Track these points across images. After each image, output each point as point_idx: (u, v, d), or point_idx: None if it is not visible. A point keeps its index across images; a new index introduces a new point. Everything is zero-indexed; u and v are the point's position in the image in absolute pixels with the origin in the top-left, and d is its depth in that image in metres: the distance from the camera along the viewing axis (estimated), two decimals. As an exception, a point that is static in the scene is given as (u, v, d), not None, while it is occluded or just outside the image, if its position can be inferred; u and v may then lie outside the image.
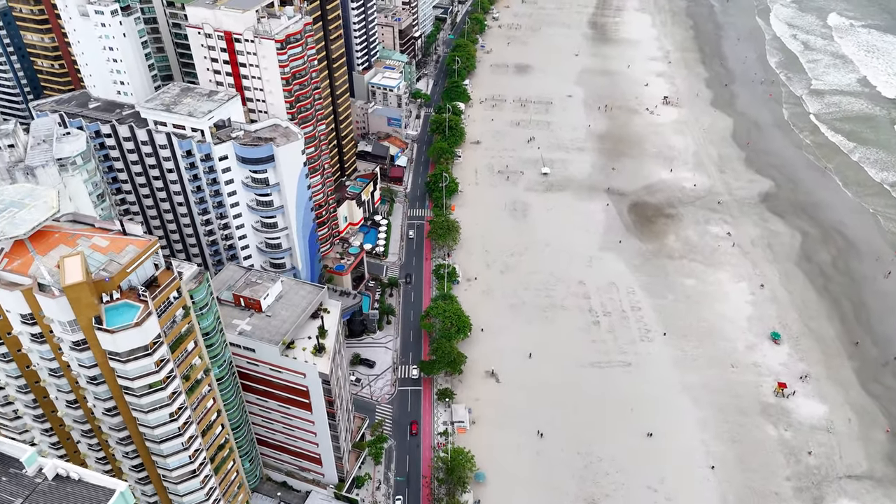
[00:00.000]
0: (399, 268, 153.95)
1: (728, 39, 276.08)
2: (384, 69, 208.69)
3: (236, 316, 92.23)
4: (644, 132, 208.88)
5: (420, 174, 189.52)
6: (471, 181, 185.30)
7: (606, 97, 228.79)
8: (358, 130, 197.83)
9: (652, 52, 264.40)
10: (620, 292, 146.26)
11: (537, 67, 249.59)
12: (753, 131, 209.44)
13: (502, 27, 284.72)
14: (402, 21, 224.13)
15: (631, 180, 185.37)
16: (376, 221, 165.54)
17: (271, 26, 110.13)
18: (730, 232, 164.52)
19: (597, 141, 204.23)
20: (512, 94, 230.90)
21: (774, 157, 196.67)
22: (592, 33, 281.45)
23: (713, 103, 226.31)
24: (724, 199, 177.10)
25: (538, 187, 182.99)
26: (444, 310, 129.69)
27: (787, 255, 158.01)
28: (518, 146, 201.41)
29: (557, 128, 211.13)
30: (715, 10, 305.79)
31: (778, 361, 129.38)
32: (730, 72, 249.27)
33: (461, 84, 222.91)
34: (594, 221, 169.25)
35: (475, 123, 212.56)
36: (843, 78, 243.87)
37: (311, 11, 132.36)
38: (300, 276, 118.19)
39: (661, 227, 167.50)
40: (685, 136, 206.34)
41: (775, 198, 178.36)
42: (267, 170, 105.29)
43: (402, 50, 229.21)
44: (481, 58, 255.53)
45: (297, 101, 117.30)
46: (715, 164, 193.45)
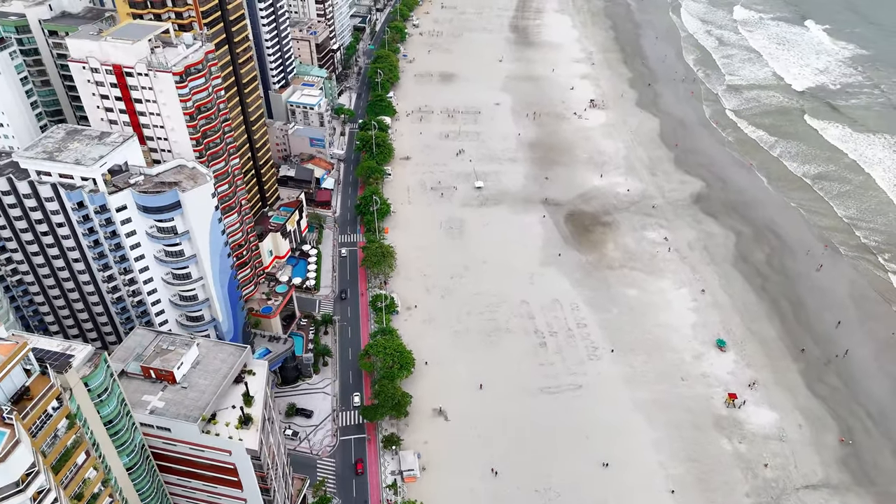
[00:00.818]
0: (332, 301, 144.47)
1: (647, 38, 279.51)
2: (303, 86, 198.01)
3: (147, 390, 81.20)
4: (574, 138, 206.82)
5: (349, 195, 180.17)
6: (403, 200, 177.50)
7: (534, 104, 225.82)
8: (279, 153, 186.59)
9: (575, 54, 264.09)
10: (565, 309, 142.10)
11: (462, 75, 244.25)
12: (680, 131, 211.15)
13: (423, 34, 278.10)
14: (318, 34, 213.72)
15: (565, 189, 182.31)
16: (305, 252, 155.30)
17: (167, 57, 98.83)
18: (667, 237, 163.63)
19: (528, 150, 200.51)
20: (439, 104, 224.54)
21: (702, 156, 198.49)
22: (514, 37, 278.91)
23: (639, 104, 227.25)
24: (658, 203, 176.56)
25: (473, 202, 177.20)
26: (385, 347, 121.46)
27: (724, 256, 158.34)
28: (449, 160, 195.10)
29: (488, 138, 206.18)
30: (632, 9, 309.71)
31: (726, 370, 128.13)
32: (651, 71, 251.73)
33: (385, 97, 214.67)
34: (532, 235, 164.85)
35: (403, 138, 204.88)
36: (757, 73, 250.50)
37: (214, 34, 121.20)
38: (221, 329, 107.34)
39: (599, 237, 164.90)
40: (615, 140, 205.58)
41: (707, 198, 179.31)
42: (174, 217, 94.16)
43: (320, 64, 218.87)
44: (404, 67, 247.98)
45: (204, 136, 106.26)
46: (646, 166, 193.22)
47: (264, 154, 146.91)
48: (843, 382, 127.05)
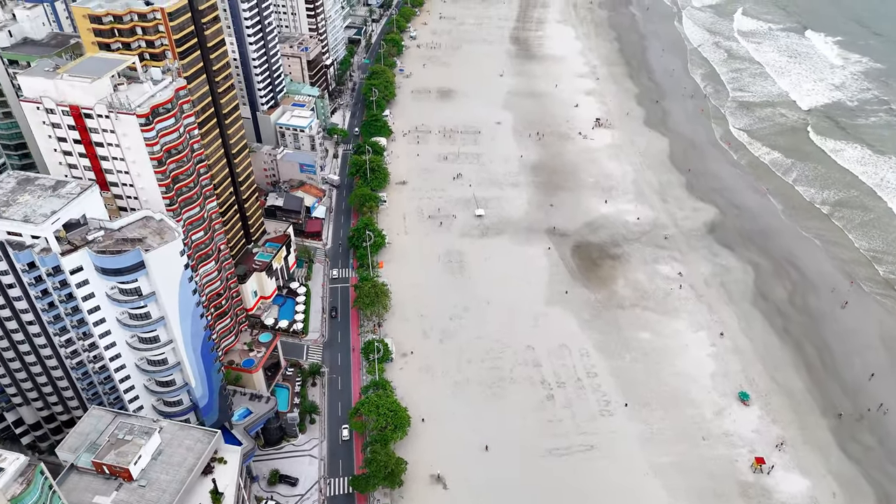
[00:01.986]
0: (321, 346, 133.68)
1: (653, 50, 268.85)
2: (293, 106, 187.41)
3: (99, 489, 70.70)
4: (579, 160, 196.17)
5: (342, 225, 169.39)
6: (399, 229, 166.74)
7: (536, 122, 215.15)
8: (267, 180, 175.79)
9: (578, 67, 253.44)
10: (573, 355, 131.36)
11: (461, 91, 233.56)
12: (690, 152, 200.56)
13: (421, 47, 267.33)
14: (309, 51, 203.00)
15: (571, 217, 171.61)
16: (293, 290, 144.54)
17: (131, 96, 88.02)
18: (681, 272, 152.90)
19: (531, 173, 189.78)
20: (437, 123, 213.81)
21: (714, 179, 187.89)
22: (516, 50, 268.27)
23: (646, 122, 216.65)
24: (671, 233, 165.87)
25: (473, 232, 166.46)
26: (378, 405, 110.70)
27: (743, 293, 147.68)
28: (448, 184, 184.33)
29: (488, 160, 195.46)
30: (637, 20, 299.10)
31: (750, 428, 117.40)
32: (658, 86, 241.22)
33: (381, 116, 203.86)
34: (537, 269, 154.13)
35: (399, 160, 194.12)
36: (767, 89, 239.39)
37: (190, 63, 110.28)
38: (194, 394, 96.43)
39: (609, 271, 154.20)
40: (622, 162, 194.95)
41: (722, 227, 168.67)
42: (137, 279, 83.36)
43: (312, 81, 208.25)
44: (401, 83, 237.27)
45: (174, 181, 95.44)
46: (656, 192, 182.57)
47: (248, 188, 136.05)
48: (879, 441, 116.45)
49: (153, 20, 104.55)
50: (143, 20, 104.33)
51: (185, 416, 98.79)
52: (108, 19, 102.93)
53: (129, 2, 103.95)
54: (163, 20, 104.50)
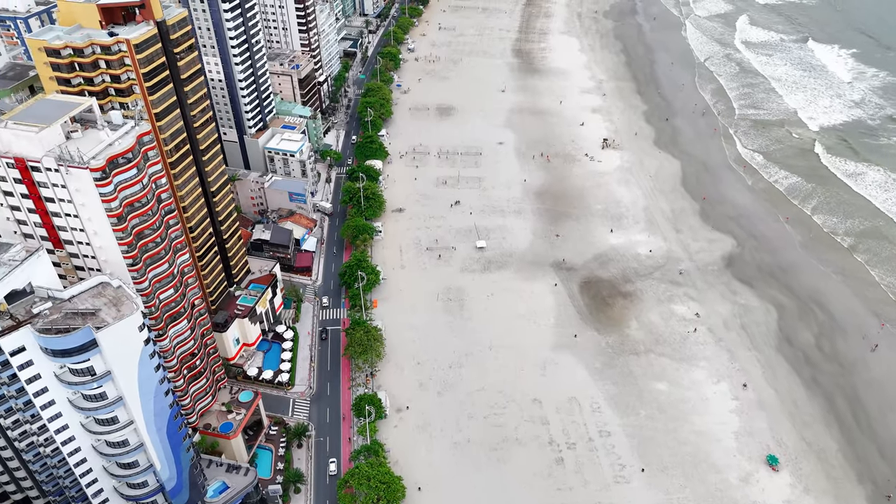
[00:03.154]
0: (308, 400, 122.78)
1: (661, 64, 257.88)
2: (283, 129, 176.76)
3: None
4: (586, 184, 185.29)
5: (334, 257, 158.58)
6: (395, 263, 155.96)
7: (541, 142, 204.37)
8: (255, 209, 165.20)
9: (584, 82, 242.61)
10: (584, 411, 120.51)
11: (462, 109, 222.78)
12: (703, 176, 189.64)
13: (419, 60, 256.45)
14: (301, 68, 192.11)
15: (579, 249, 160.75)
16: (279, 334, 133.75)
17: (86, 146, 77.22)
18: (698, 312, 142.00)
19: (535, 199, 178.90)
20: (436, 143, 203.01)
21: (730, 206, 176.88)
22: (518, 63, 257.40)
23: (657, 143, 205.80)
24: (686, 268, 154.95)
25: (475, 266, 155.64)
26: (369, 476, 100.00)
27: (766, 337, 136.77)
28: (447, 212, 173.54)
29: (490, 185, 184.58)
30: (643, 30, 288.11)
31: (781, 498, 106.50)
32: (668, 102, 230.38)
33: (376, 138, 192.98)
34: (543, 309, 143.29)
35: (396, 185, 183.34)
36: (782, 106, 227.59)
37: (162, 98, 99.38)
38: (160, 476, 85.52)
39: (620, 311, 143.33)
40: (632, 187, 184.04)
41: (740, 260, 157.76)
42: (90, 358, 72.55)
43: (304, 100, 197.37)
44: (398, 99, 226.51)
45: (138, 237, 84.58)
46: (668, 220, 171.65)
47: (230, 227, 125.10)
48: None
49: (118, 53, 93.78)
50: (106, 53, 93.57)
51: (152, 498, 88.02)
52: (67, 52, 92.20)
53: (90, 33, 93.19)
54: (129, 53, 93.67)
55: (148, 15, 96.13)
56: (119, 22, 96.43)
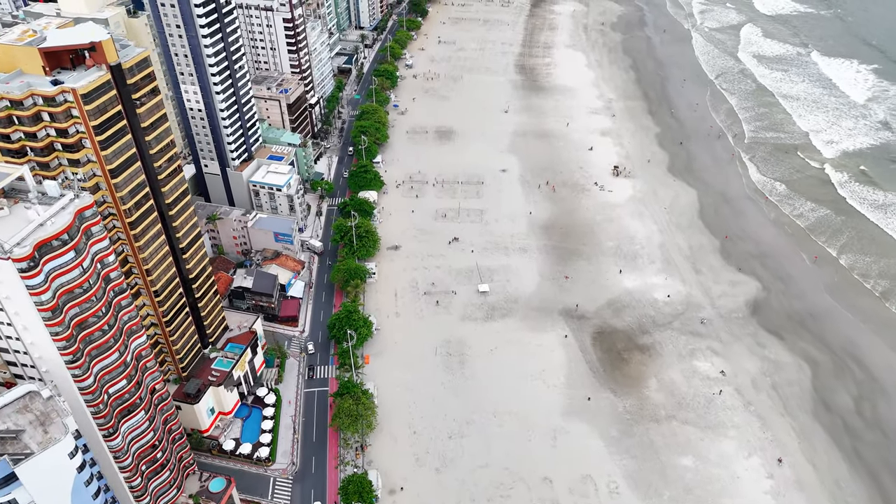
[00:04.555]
0: (292, 479, 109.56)
1: (673, 81, 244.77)
2: (270, 160, 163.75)
3: None
4: (596, 218, 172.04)
5: (322, 304, 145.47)
6: (390, 310, 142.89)
7: (546, 169, 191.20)
8: (238, 249, 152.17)
9: (592, 101, 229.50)
10: (600, 493, 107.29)
11: (462, 131, 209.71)
12: (722, 208, 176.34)
13: (418, 77, 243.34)
14: (290, 92, 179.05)
15: (590, 293, 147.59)
16: (260, 398, 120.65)
17: (9, 230, 64.19)
18: (723, 370, 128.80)
19: (542, 235, 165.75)
20: (435, 170, 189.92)
21: (752, 243, 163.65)
22: (522, 80, 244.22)
23: (671, 169, 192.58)
24: (708, 316, 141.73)
25: (476, 313, 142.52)
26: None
27: (800, 400, 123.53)
28: (447, 249, 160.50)
29: (493, 218, 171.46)
30: (653, 44, 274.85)
31: None
32: (681, 123, 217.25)
33: (371, 166, 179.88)
34: (553, 366, 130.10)
35: (392, 219, 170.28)
36: (799, 129, 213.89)
37: (121, 149, 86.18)
38: None
39: (638, 368, 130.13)
40: (646, 221, 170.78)
41: (766, 307, 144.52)
42: (11, 492, 59.53)
43: (293, 126, 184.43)
44: (395, 121, 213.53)
45: (79, 328, 71.45)
46: (687, 258, 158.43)
47: (202, 283, 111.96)
48: None
49: (63, 104, 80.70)
50: (50, 104, 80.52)
51: None
52: (3, 104, 79.14)
53: (31, 81, 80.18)
54: (76, 103, 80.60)
55: (100, 59, 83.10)
56: (67, 67, 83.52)
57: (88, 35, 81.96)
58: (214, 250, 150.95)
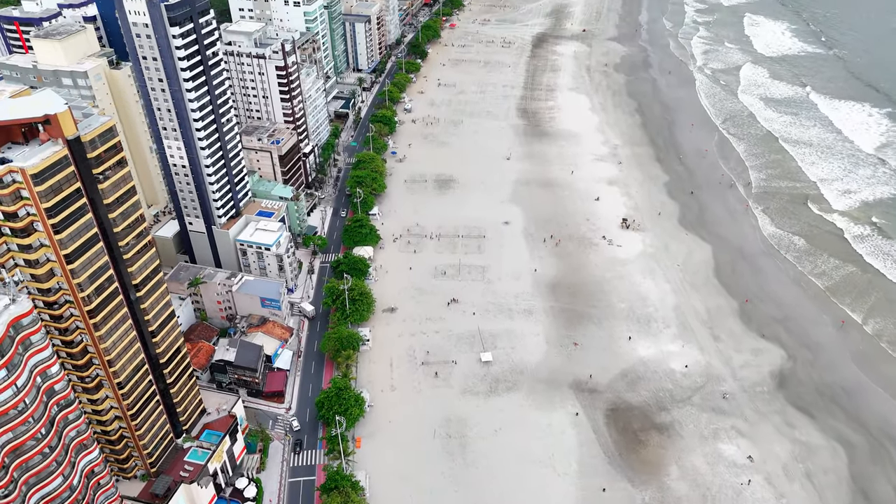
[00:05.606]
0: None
1: (680, 126, 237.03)
2: (259, 216, 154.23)
3: None
4: (605, 276, 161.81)
5: (312, 376, 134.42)
6: (384, 383, 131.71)
7: (551, 221, 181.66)
8: (222, 314, 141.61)
9: (597, 147, 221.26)
10: None
11: (462, 180, 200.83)
12: (739, 265, 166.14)
13: (417, 122, 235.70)
14: (282, 143, 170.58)
15: (602, 363, 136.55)
16: (239, 490, 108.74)
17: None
18: (751, 455, 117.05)
19: (548, 295, 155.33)
20: (434, 222, 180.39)
21: (773, 305, 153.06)
22: (524, 125, 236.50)
23: (682, 222, 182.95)
24: (730, 390, 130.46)
25: (479, 386, 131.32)
26: None
27: (837, 491, 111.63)
28: (447, 312, 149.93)
29: (495, 276, 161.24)
30: (658, 86, 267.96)
31: None
32: (691, 171, 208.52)
33: (366, 221, 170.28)
34: (563, 450, 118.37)
35: (388, 277, 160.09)
36: (812, 176, 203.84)
37: (77, 232, 76.30)
38: None
39: (656, 452, 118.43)
40: (658, 280, 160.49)
41: (794, 379, 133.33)
42: None
43: (286, 177, 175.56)
44: (393, 168, 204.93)
45: (13, 456, 60.42)
46: (704, 323, 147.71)
47: (175, 367, 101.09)
48: None
49: (12, 184, 71.08)
50: (-5, 184, 70.90)
51: None
52: (-61, 186, 69.57)
53: (-27, 158, 70.70)
54: (26, 184, 70.97)
55: (56, 132, 73.77)
56: (18, 141, 74.20)
57: (43, 107, 72.73)
58: (197, 315, 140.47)
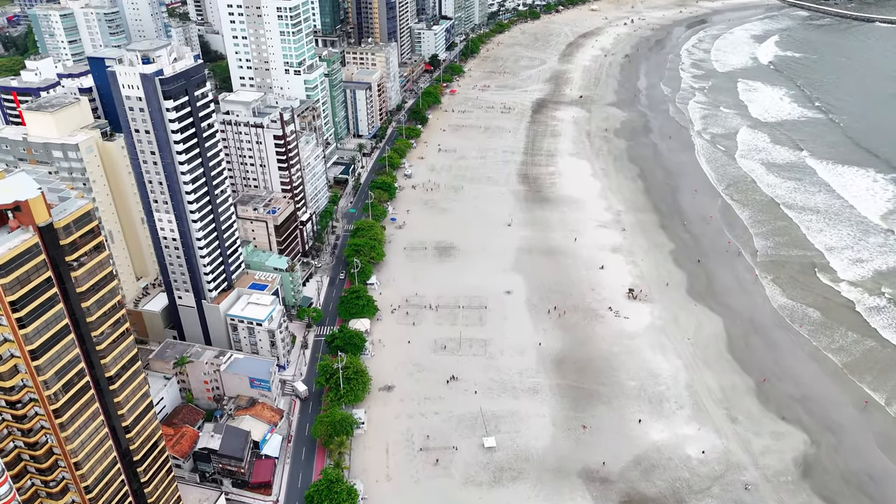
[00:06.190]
0: None
1: (683, 191, 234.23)
2: (251, 288, 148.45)
3: None
4: (613, 350, 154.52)
5: (302, 463, 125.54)
6: (379, 472, 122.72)
7: (555, 291, 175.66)
8: (209, 395, 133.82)
9: (600, 213, 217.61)
10: None
11: (463, 247, 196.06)
12: (752, 339, 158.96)
13: (417, 188, 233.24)
14: (278, 213, 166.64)
15: (613, 448, 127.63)
16: None
17: None
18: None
19: (553, 371, 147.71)
20: (434, 291, 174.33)
21: (791, 383, 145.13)
22: (525, 191, 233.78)
23: (690, 292, 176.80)
24: (752, 480, 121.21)
25: (482, 475, 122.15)
26: None
27: None
28: (447, 391, 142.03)
29: (498, 350, 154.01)
30: (660, 151, 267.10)
31: None
32: (696, 238, 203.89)
33: (364, 292, 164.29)
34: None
35: (385, 352, 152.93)
36: (821, 243, 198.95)
37: (46, 325, 70.29)
38: None
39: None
40: (669, 355, 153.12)
41: (818, 467, 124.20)
42: None
43: (281, 247, 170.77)
44: (392, 235, 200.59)
45: None
46: (719, 403, 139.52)
47: (151, 464, 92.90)
48: None
49: (-28, 275, 65.53)
50: (-46, 276, 65.29)
51: None
52: None
53: (-66, 248, 65.39)
54: (-12, 275, 65.45)
55: (26, 219, 68.84)
56: (-15, 228, 69.00)
57: (13, 193, 68.07)
58: (183, 396, 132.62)
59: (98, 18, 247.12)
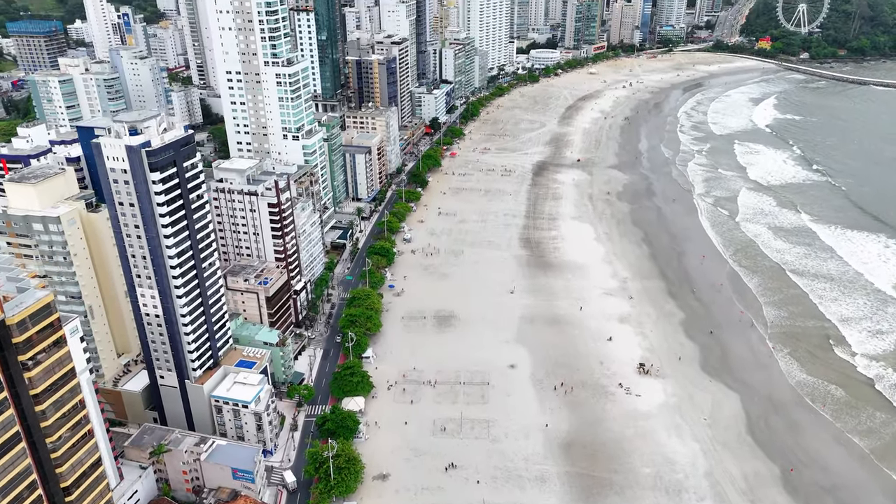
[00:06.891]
0: None
1: (690, 256, 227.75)
2: (239, 366, 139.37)
3: None
4: (626, 432, 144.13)
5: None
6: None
7: (561, 365, 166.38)
8: (188, 486, 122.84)
9: (605, 280, 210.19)
10: None
11: (464, 316, 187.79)
12: (773, 420, 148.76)
13: (416, 252, 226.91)
14: (270, 284, 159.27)
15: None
16: None
17: None
18: None
19: (562, 457, 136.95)
20: (433, 366, 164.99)
21: (818, 470, 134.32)
22: (527, 255, 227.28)
23: (704, 367, 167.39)
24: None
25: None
26: None
27: None
28: (447, 480, 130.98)
29: (502, 433, 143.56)
30: (664, 214, 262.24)
31: None
32: (707, 307, 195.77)
33: (358, 367, 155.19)
34: None
35: (380, 434, 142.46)
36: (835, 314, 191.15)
37: None
38: None
39: None
40: (685, 438, 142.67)
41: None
42: None
43: (272, 319, 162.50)
44: (390, 303, 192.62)
45: None
46: (744, 494, 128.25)
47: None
48: None
49: None
50: None
51: None
52: None
53: None
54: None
55: (-26, 316, 61.20)
56: (-73, 326, 61.32)
57: (-39, 287, 60.73)
58: (159, 488, 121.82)
59: (97, 84, 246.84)
